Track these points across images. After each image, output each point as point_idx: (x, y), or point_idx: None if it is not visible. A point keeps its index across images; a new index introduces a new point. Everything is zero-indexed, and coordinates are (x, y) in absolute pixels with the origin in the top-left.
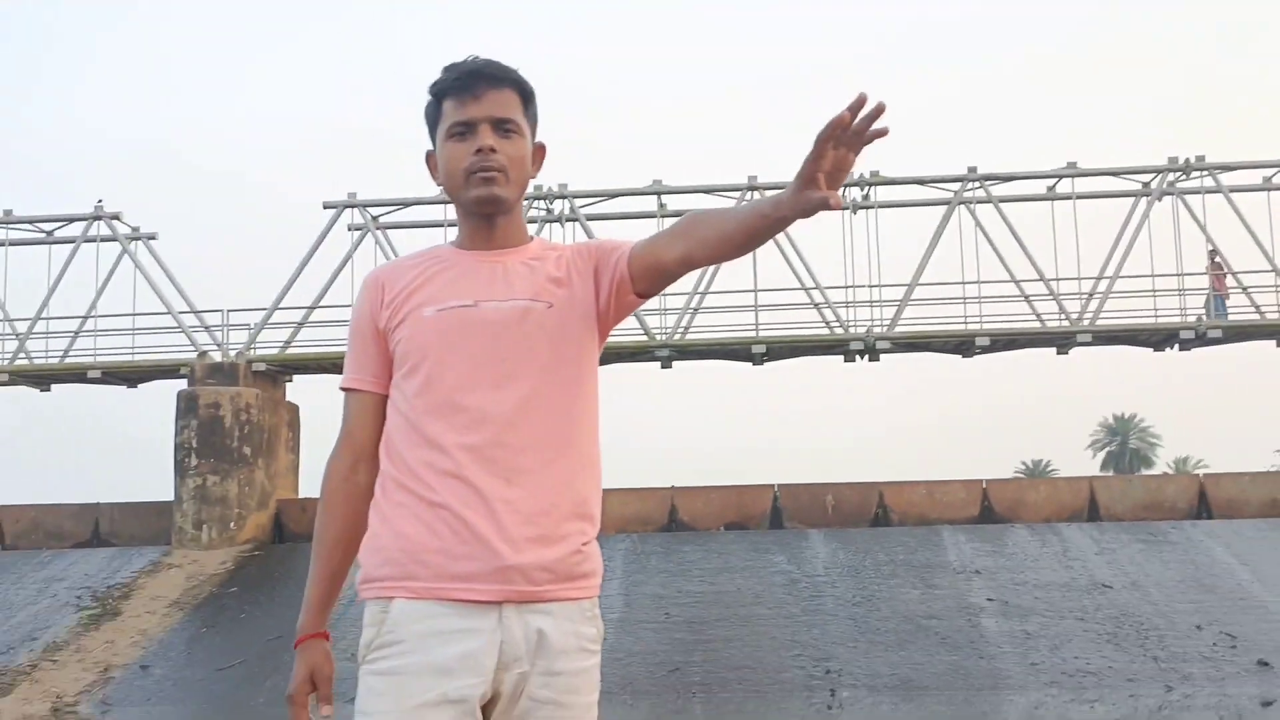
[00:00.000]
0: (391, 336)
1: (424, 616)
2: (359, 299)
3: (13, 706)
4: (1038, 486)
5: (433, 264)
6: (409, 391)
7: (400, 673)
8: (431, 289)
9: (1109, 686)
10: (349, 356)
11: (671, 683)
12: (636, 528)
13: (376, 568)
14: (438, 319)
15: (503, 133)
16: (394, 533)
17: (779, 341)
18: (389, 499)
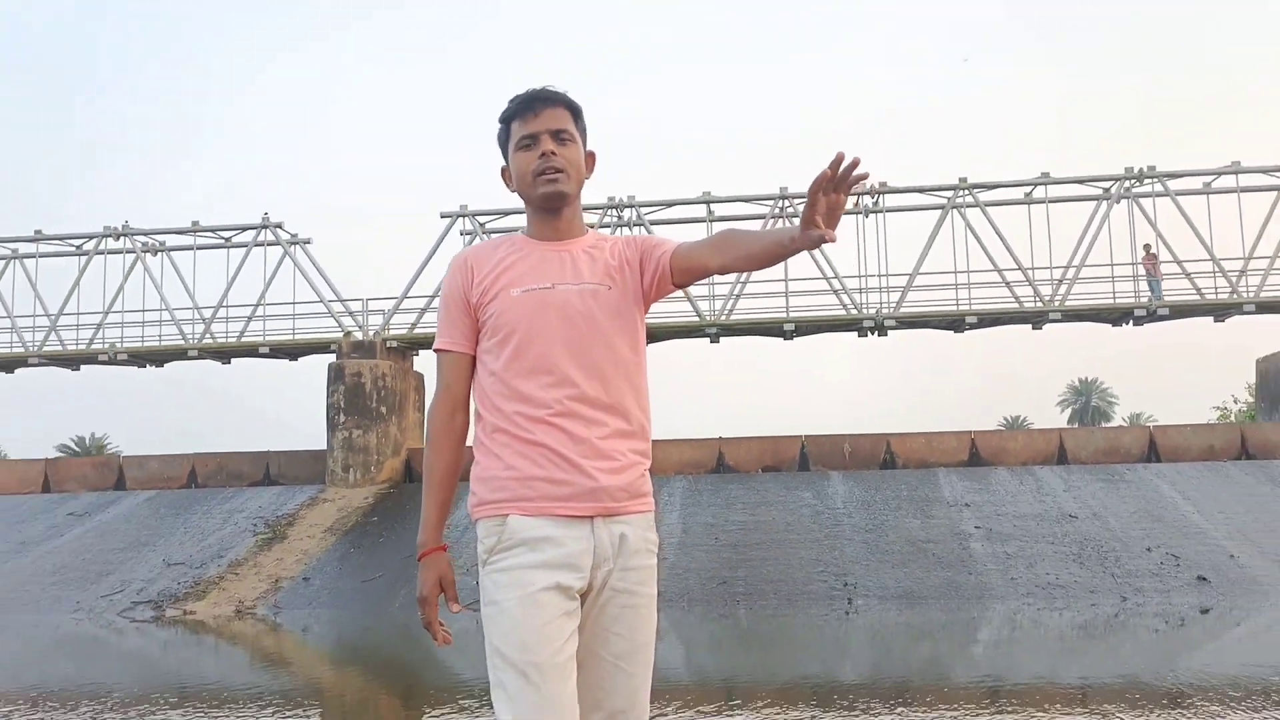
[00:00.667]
0: (483, 310)
1: (534, 527)
2: (451, 277)
3: (206, 608)
4: (1016, 436)
5: (512, 250)
6: (503, 357)
7: (520, 568)
8: (515, 272)
9: (1074, 597)
10: (443, 324)
11: (720, 593)
12: (691, 470)
13: (491, 493)
14: (523, 298)
15: (559, 141)
16: (504, 465)
17: (805, 320)
18: (493, 440)
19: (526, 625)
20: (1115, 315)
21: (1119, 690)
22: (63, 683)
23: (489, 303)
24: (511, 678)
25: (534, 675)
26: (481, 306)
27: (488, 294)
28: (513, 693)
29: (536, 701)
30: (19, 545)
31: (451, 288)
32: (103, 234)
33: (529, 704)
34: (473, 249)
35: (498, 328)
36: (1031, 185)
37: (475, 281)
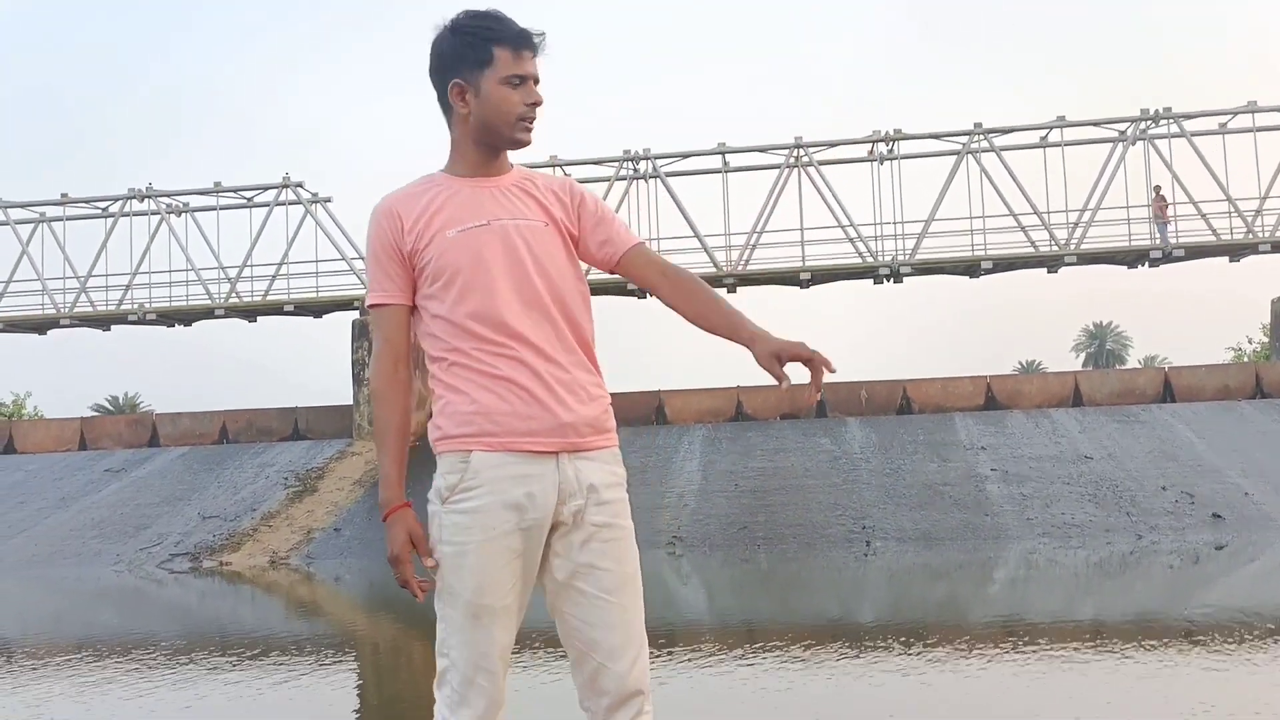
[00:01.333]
0: (419, 257)
1: (498, 464)
2: (376, 228)
3: (241, 559)
4: (1032, 380)
5: (438, 190)
6: (449, 299)
7: (482, 510)
8: (447, 213)
9: (1090, 535)
10: (375, 277)
11: (741, 537)
12: (710, 419)
13: (455, 427)
14: (460, 238)
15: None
16: (468, 399)
17: (821, 269)
18: (452, 375)
19: (483, 569)
20: (1131, 258)
21: (1133, 626)
22: (108, 632)
23: (425, 248)
24: (461, 616)
25: (485, 618)
26: (417, 253)
27: (422, 239)
28: (459, 629)
29: (483, 642)
30: (59, 501)
31: (380, 239)
32: (127, 196)
33: (475, 645)
34: (393, 197)
35: (439, 271)
36: (1047, 129)
37: (406, 229)
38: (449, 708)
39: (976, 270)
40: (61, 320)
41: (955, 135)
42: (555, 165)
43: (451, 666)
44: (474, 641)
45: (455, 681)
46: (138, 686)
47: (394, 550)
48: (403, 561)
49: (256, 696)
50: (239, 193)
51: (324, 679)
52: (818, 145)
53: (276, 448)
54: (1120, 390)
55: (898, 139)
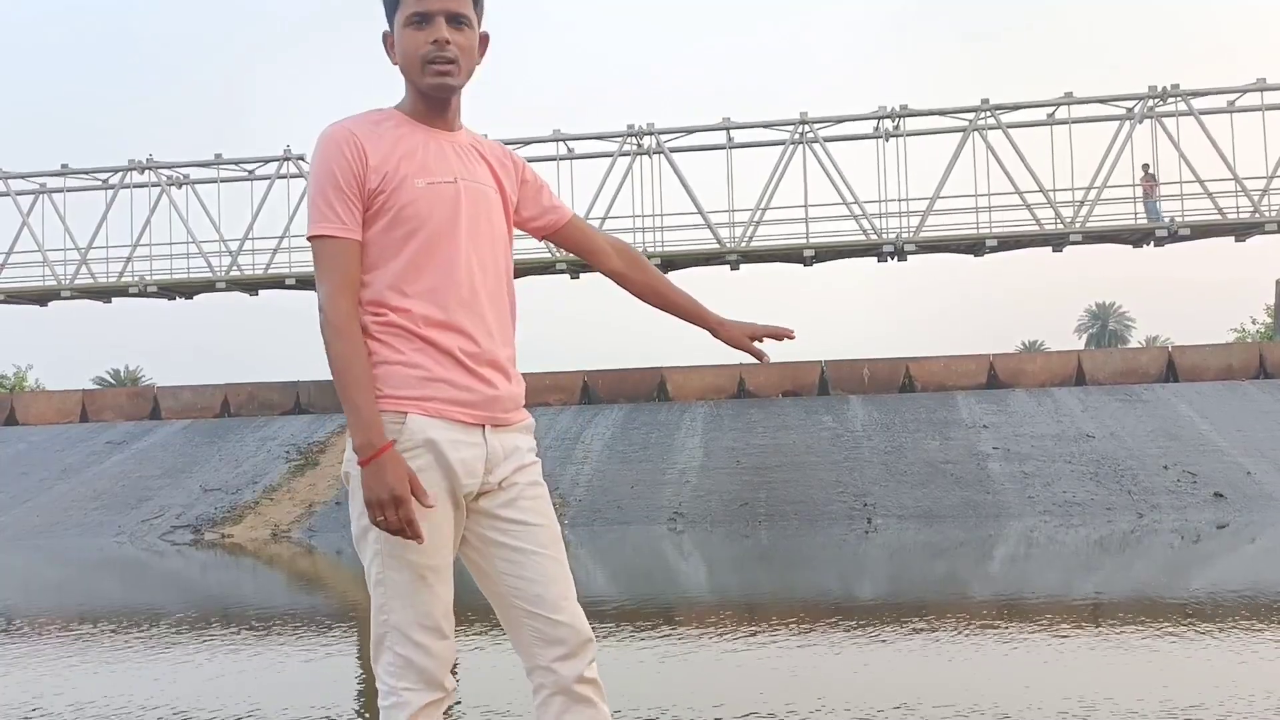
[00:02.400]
0: (383, 198)
1: (433, 428)
2: (335, 153)
3: (243, 531)
4: (1034, 359)
5: (402, 131)
6: (405, 252)
7: (421, 470)
8: (416, 160)
9: (1091, 514)
10: (333, 205)
11: (742, 514)
12: (712, 395)
13: (392, 387)
14: (429, 191)
15: (456, 25)
16: (407, 362)
17: (825, 246)
18: (390, 334)
19: (428, 528)
20: (1136, 236)
21: (1133, 604)
22: (110, 601)
23: (393, 190)
24: (406, 578)
25: (431, 578)
26: (382, 194)
27: (390, 180)
28: (403, 592)
29: (429, 602)
30: (61, 472)
31: (341, 167)
32: (128, 167)
33: (420, 606)
34: (352, 123)
35: (402, 220)
36: (1054, 105)
37: (371, 165)
38: (393, 676)
39: (981, 249)
40: (62, 292)
41: (962, 112)
42: (559, 140)
43: (392, 632)
44: (420, 603)
45: (399, 646)
46: (142, 657)
47: (397, 490)
48: (407, 502)
49: (262, 668)
50: (240, 165)
51: (327, 651)
52: (823, 121)
53: (278, 421)
54: (1123, 369)
55: (903, 115)
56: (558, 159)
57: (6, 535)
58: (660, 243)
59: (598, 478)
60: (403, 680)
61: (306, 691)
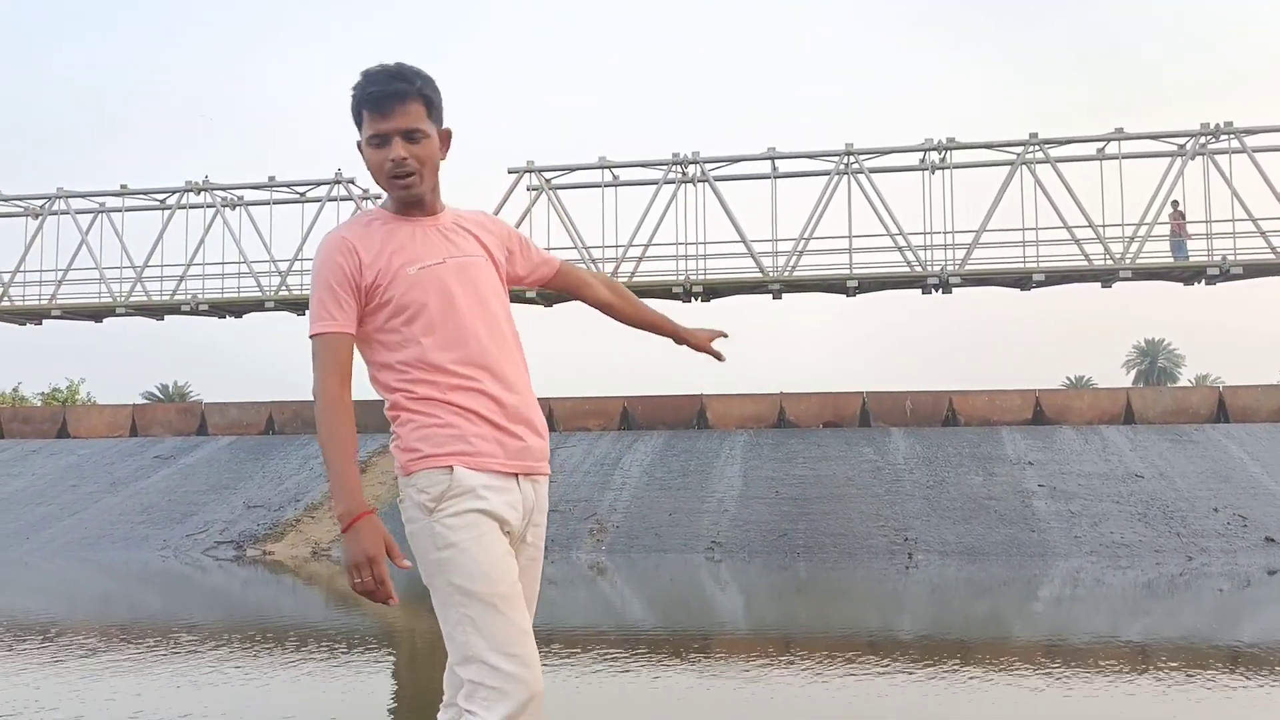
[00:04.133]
0: (379, 292)
1: (477, 479)
2: (332, 257)
3: (284, 549)
4: (1082, 395)
5: (390, 227)
6: (412, 333)
7: (471, 511)
8: (408, 251)
9: (1138, 556)
10: (328, 305)
11: (780, 545)
12: (752, 424)
13: (432, 447)
14: (422, 275)
15: (411, 140)
16: (442, 423)
17: (869, 277)
18: (422, 405)
19: (487, 561)
20: (1188, 274)
21: (1179, 649)
22: (154, 615)
23: (388, 284)
24: (481, 610)
25: (502, 605)
26: (378, 289)
27: (384, 274)
28: (484, 624)
29: (508, 628)
30: (110, 485)
31: (334, 271)
32: (184, 189)
33: (503, 631)
34: (345, 230)
35: (403, 306)
36: (1105, 141)
37: (365, 264)
38: (485, 708)
39: (1028, 283)
40: (117, 309)
41: (1010, 145)
42: (604, 167)
43: (477, 665)
44: (499, 630)
45: (489, 679)
46: (181, 671)
47: (369, 551)
48: (380, 561)
49: (298, 684)
50: (292, 187)
51: (363, 669)
52: (869, 153)
53: None
54: (1173, 409)
55: (951, 148)
56: (602, 185)
57: (55, 546)
58: (703, 270)
59: (635, 504)
60: (493, 712)
61: (340, 709)
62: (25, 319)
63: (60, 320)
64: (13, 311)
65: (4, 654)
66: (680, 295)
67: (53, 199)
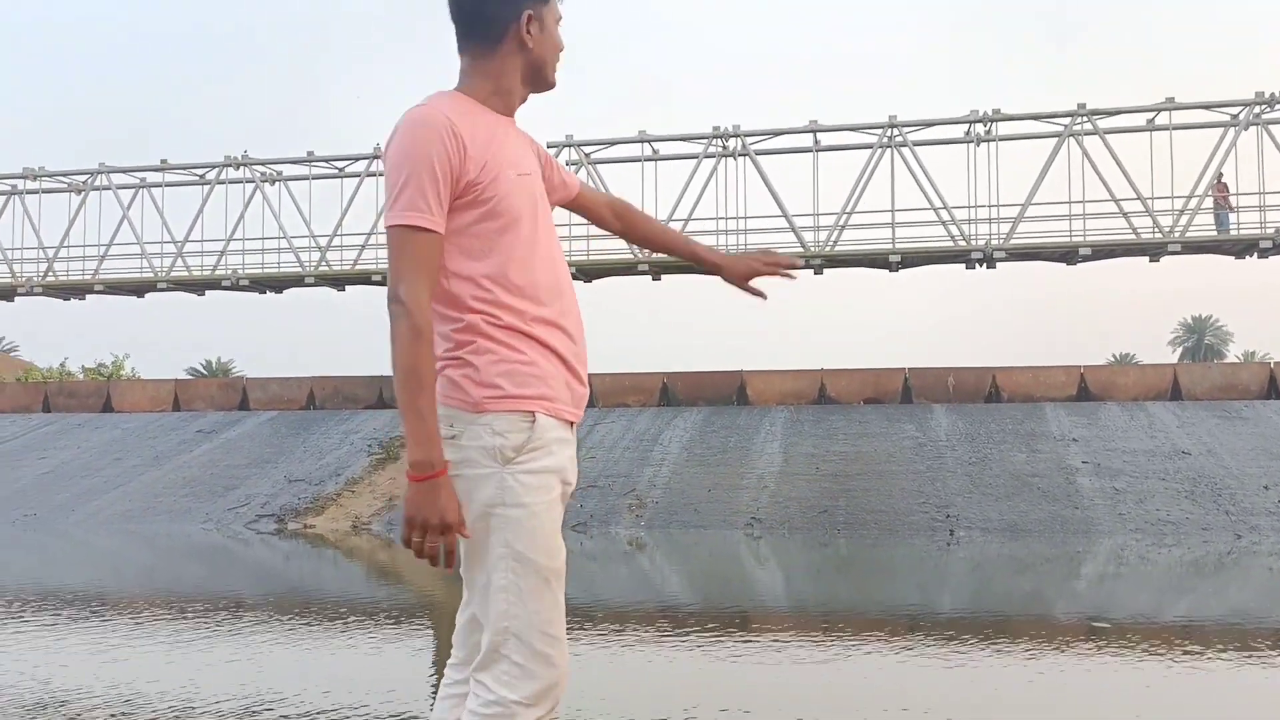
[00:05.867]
0: (480, 189)
1: (553, 428)
2: (436, 137)
3: (325, 522)
4: (1127, 372)
5: (487, 120)
6: (506, 245)
7: (546, 471)
8: (506, 151)
9: (1185, 533)
10: (426, 195)
11: (820, 521)
12: (792, 401)
13: (515, 386)
14: (521, 183)
15: None
16: (527, 360)
17: (912, 252)
18: (504, 334)
19: (552, 531)
20: (1239, 247)
21: (1225, 628)
22: (197, 587)
23: (490, 181)
24: (533, 583)
25: (555, 582)
26: (478, 186)
27: (489, 171)
28: (531, 598)
29: (554, 607)
30: (153, 459)
31: (439, 155)
32: (223, 164)
33: (549, 609)
34: (446, 109)
35: (499, 212)
36: (1154, 111)
37: (470, 155)
38: (506, 685)
39: (1074, 257)
40: (159, 284)
41: (1057, 116)
42: (644, 141)
43: (513, 640)
44: (545, 608)
45: (517, 655)
46: (225, 642)
47: (446, 515)
48: (456, 528)
49: (339, 657)
50: (330, 162)
51: (404, 643)
52: (913, 125)
53: (361, 415)
54: (1222, 384)
55: (996, 120)
56: (642, 160)
57: (101, 518)
58: (743, 245)
59: (675, 480)
60: (516, 692)
61: (383, 682)
62: (69, 294)
63: (103, 295)
64: (57, 286)
65: (60, 627)
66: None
67: (95, 174)
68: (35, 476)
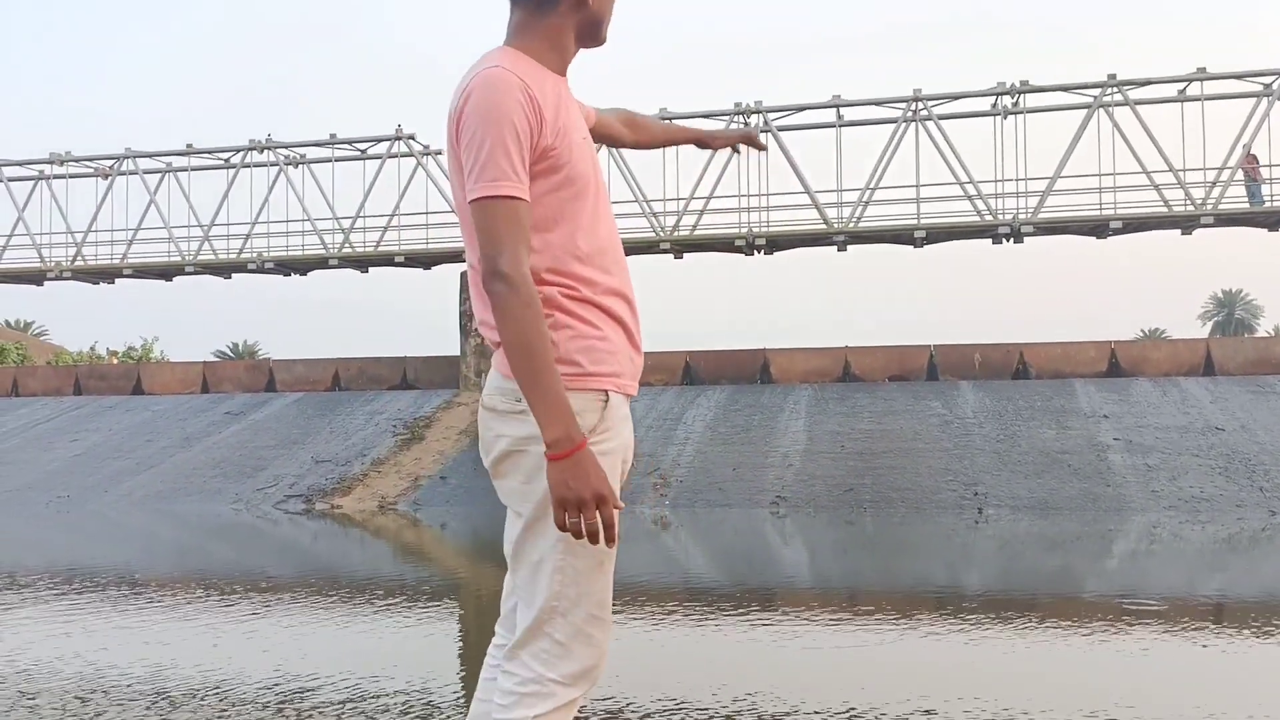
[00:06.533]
0: (559, 155)
1: (621, 405)
2: (515, 104)
3: (352, 502)
4: (1159, 346)
5: (553, 82)
6: (575, 213)
7: (613, 452)
8: (570, 116)
9: (1219, 510)
10: (516, 161)
11: (846, 499)
12: (816, 379)
13: (592, 364)
14: (584, 146)
15: None
16: (601, 336)
17: (937, 227)
18: (579, 306)
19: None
20: (1272, 220)
21: (1259, 605)
22: (229, 566)
23: (563, 149)
24: (587, 565)
25: (607, 564)
26: (554, 151)
27: (562, 136)
28: (585, 579)
29: (605, 590)
30: (183, 440)
31: (518, 118)
32: (248, 147)
33: (601, 592)
34: (519, 69)
35: (571, 179)
36: (1186, 81)
37: (543, 117)
38: (545, 664)
39: (1104, 230)
40: (186, 267)
41: (1086, 88)
42: (665, 118)
43: (558, 619)
44: (595, 591)
45: (560, 634)
46: (254, 621)
47: (599, 488)
48: (611, 499)
49: (364, 636)
50: (353, 145)
51: (432, 621)
52: (938, 98)
53: (386, 396)
54: (1256, 359)
55: (1024, 91)
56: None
57: (133, 499)
58: (766, 222)
59: (699, 459)
60: (555, 670)
61: (411, 660)
62: (98, 278)
63: (132, 279)
64: (86, 270)
65: (98, 605)
66: (743, 248)
67: (121, 159)
68: (68, 458)
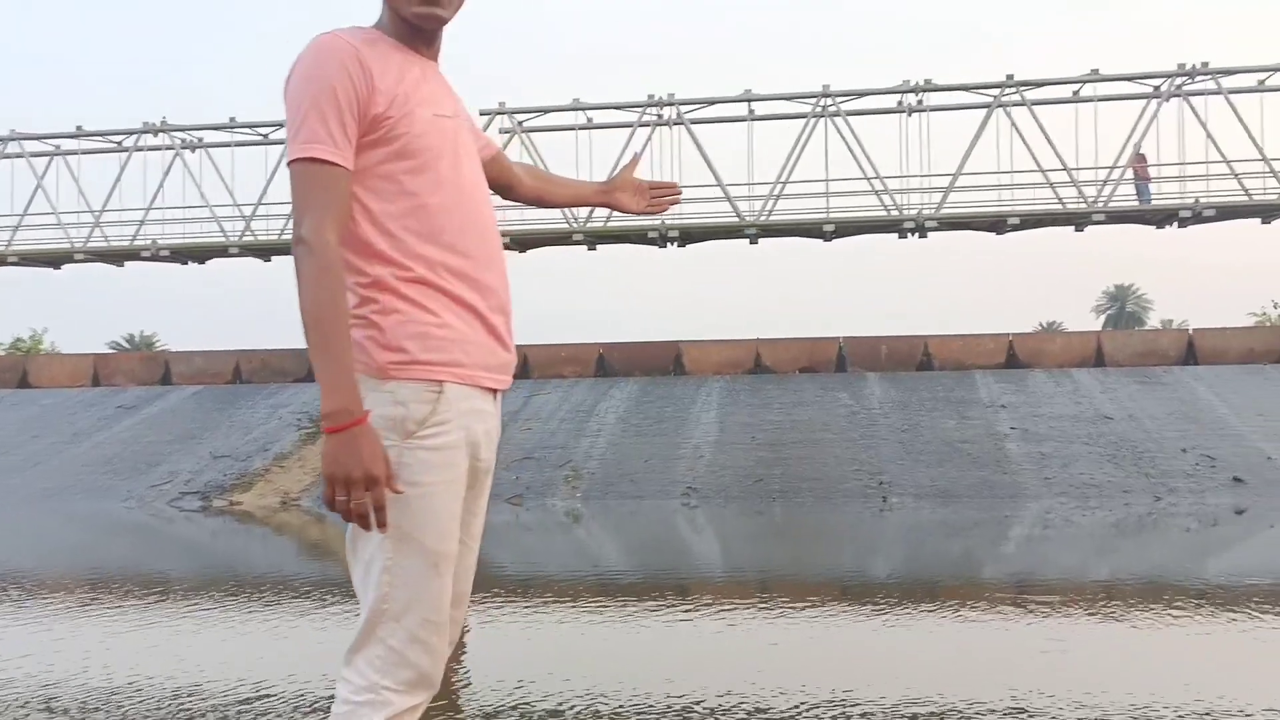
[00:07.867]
0: (389, 125)
1: (465, 398)
2: (338, 68)
3: (252, 499)
4: (1055, 339)
5: (400, 56)
6: (416, 188)
7: (450, 448)
8: (420, 90)
9: (1107, 496)
10: (332, 126)
11: (756, 490)
12: (728, 370)
13: (424, 351)
14: (435, 123)
15: None
16: (440, 322)
17: (845, 221)
18: (415, 290)
19: (447, 514)
20: (1159, 217)
21: (1146, 587)
22: (121, 566)
23: (401, 118)
24: (417, 566)
25: (443, 566)
26: (388, 120)
27: (400, 107)
28: (415, 581)
29: (438, 594)
30: (72, 436)
31: (345, 82)
32: (142, 130)
33: (435, 594)
34: (352, 40)
35: (411, 152)
36: (1080, 83)
37: (378, 88)
38: (380, 671)
39: (1003, 226)
40: (75, 255)
41: (986, 88)
42: (578, 109)
43: (390, 624)
44: (428, 594)
45: (394, 639)
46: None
47: (371, 468)
48: (383, 481)
49: (270, 636)
50: (254, 129)
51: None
52: (845, 95)
53: (290, 389)
54: (1143, 351)
55: (927, 90)
56: (576, 128)
57: (18, 497)
58: (678, 214)
59: (611, 451)
60: (388, 677)
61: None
62: None
63: (18, 267)
64: None
65: None
66: (656, 240)
67: (6, 141)
68: None
